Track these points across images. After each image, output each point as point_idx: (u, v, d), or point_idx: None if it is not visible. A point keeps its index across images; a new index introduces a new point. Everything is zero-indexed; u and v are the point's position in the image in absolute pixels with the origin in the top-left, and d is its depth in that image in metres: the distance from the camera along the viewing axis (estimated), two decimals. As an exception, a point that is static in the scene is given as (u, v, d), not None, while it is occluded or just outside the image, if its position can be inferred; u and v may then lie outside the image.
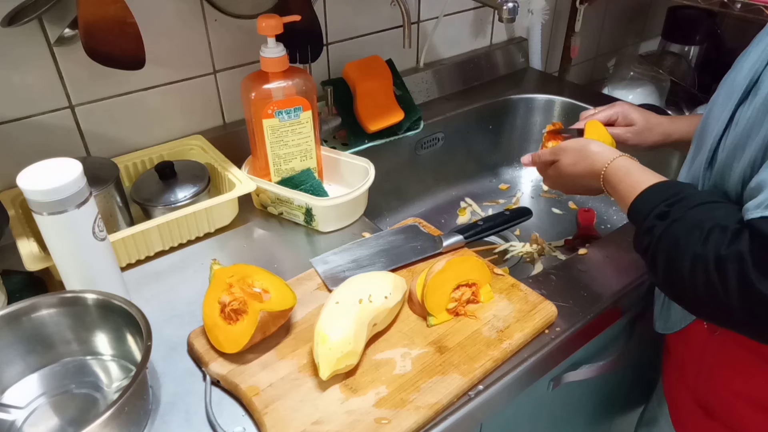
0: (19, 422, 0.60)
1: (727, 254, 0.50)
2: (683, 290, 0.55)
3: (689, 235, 0.54)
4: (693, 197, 0.58)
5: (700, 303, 0.54)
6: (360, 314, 0.64)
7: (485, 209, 1.22)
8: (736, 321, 0.53)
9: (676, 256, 0.55)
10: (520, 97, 1.28)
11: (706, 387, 0.70)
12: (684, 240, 0.54)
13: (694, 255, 0.53)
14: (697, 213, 0.56)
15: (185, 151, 0.95)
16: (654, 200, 0.61)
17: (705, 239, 0.52)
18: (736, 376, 0.66)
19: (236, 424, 0.59)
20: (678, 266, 0.54)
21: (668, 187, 0.62)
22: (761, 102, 0.55)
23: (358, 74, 1.07)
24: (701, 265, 0.52)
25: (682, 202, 0.58)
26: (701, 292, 0.52)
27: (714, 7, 1.05)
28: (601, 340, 0.76)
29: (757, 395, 0.64)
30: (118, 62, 0.76)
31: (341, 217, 0.87)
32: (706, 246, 0.52)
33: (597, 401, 0.98)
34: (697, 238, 0.53)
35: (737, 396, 0.66)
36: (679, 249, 0.55)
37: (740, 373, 0.65)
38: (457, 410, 0.60)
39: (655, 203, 0.60)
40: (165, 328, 0.69)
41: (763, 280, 0.47)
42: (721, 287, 0.50)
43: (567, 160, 0.77)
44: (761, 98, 0.55)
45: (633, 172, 0.67)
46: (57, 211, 0.59)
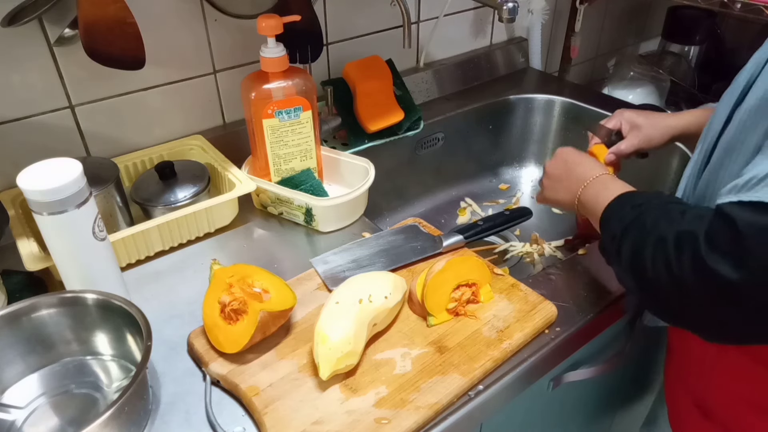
0: (19, 422, 0.60)
1: (684, 231, 0.51)
2: (645, 274, 0.55)
3: (656, 221, 0.55)
4: (665, 196, 0.60)
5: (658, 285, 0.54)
6: (360, 314, 0.64)
7: (485, 209, 1.22)
8: (684, 303, 0.52)
9: (642, 240, 0.55)
10: (520, 97, 1.28)
11: (705, 388, 0.71)
12: (651, 225, 0.55)
13: (657, 236, 0.53)
14: (666, 206, 0.57)
15: (185, 151, 0.95)
16: (629, 198, 0.64)
17: (669, 223, 0.53)
18: (735, 379, 0.66)
19: (236, 424, 0.59)
20: (641, 249, 0.55)
21: (643, 192, 0.65)
22: (753, 105, 0.55)
23: (358, 74, 1.07)
24: (662, 244, 0.52)
25: (655, 198, 0.60)
26: (659, 271, 0.52)
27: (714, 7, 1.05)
28: (601, 340, 0.76)
29: (756, 399, 0.64)
30: (118, 62, 0.76)
31: (341, 217, 0.87)
32: (669, 227, 0.53)
33: (597, 401, 0.98)
34: (663, 223, 0.54)
35: (735, 398, 0.66)
36: (645, 233, 0.55)
37: (739, 376, 0.65)
38: (457, 410, 0.60)
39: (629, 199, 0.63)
40: (165, 328, 0.69)
41: (714, 255, 0.47)
42: (675, 264, 0.50)
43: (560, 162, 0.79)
44: (753, 101, 0.55)
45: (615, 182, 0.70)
46: (57, 211, 0.59)
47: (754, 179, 0.48)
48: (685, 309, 0.53)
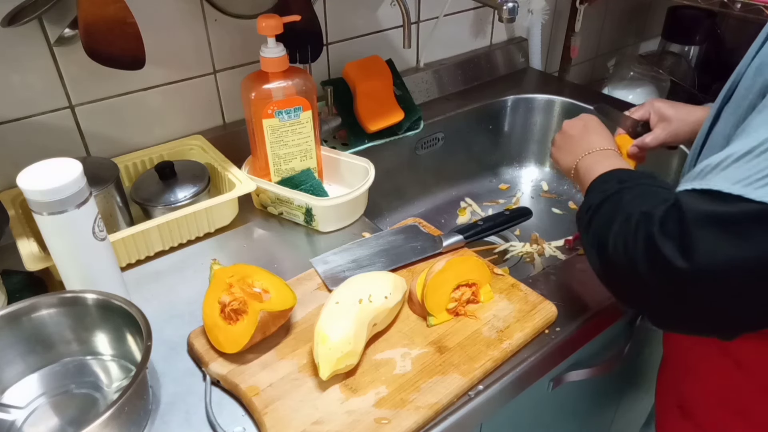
0: (19, 422, 0.60)
1: (643, 212, 0.50)
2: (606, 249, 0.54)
3: (632, 200, 0.55)
4: (655, 179, 0.60)
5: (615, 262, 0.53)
6: (360, 314, 0.64)
7: (485, 209, 1.22)
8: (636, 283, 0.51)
9: (613, 215, 0.55)
10: (520, 97, 1.28)
11: (685, 389, 0.71)
12: (626, 203, 0.55)
13: (625, 214, 0.53)
14: (650, 188, 0.56)
15: (185, 151, 0.95)
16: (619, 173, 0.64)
17: (641, 204, 0.53)
18: (714, 380, 0.66)
19: (236, 424, 0.59)
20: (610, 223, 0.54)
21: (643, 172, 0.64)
22: (734, 103, 0.55)
23: (358, 74, 1.07)
24: (626, 223, 0.52)
25: (643, 179, 0.59)
26: (618, 248, 0.52)
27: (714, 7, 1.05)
28: (600, 341, 0.76)
29: (732, 400, 0.64)
30: (118, 62, 0.76)
31: (341, 217, 0.87)
32: (640, 207, 0.52)
33: (597, 401, 0.98)
34: (637, 204, 0.53)
35: (713, 400, 0.66)
36: (618, 209, 0.55)
37: (718, 378, 0.65)
38: (457, 410, 0.60)
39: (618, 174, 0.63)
40: (165, 328, 0.69)
41: (664, 239, 0.47)
42: (631, 243, 0.50)
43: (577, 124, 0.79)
44: (735, 99, 0.55)
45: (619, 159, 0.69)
46: (57, 211, 0.59)
47: (708, 167, 0.48)
48: (636, 290, 0.53)
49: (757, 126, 0.47)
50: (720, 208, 0.45)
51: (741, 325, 0.50)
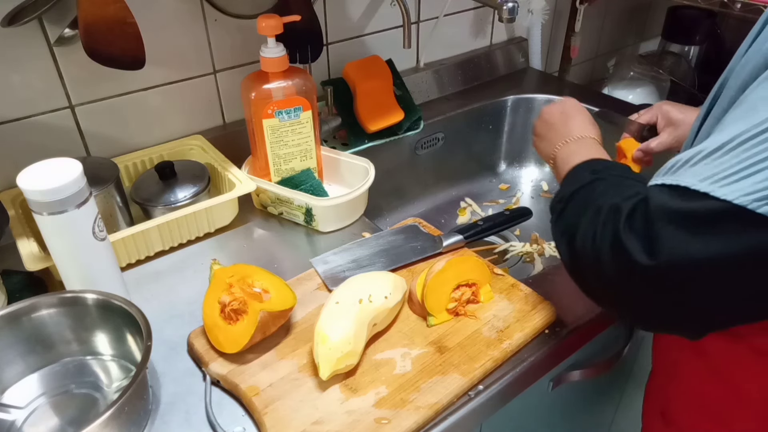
0: (19, 422, 0.60)
1: (612, 204, 0.50)
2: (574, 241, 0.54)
3: (604, 192, 0.54)
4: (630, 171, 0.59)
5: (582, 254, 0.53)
6: (360, 314, 0.64)
7: (485, 209, 1.22)
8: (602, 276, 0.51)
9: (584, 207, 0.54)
10: (520, 97, 1.28)
11: (668, 395, 0.71)
12: (597, 195, 0.54)
13: (596, 206, 0.52)
14: (623, 181, 0.56)
15: (185, 151, 0.95)
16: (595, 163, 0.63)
17: (614, 195, 0.52)
18: (695, 387, 0.66)
19: (236, 424, 0.59)
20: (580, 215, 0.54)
21: (619, 164, 0.64)
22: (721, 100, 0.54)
23: (358, 74, 1.07)
24: (596, 215, 0.51)
25: (617, 170, 0.59)
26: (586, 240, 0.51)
27: (714, 7, 1.05)
28: (601, 340, 0.76)
29: (713, 407, 0.64)
30: (118, 62, 0.76)
31: (341, 217, 0.87)
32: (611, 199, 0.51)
33: (597, 401, 0.98)
34: (608, 196, 0.52)
35: (695, 406, 0.66)
36: (590, 200, 0.54)
37: (699, 384, 0.65)
38: (457, 410, 0.60)
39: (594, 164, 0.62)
40: (165, 328, 0.69)
41: (629, 234, 0.47)
42: (599, 236, 0.50)
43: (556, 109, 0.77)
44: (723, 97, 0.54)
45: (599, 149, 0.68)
46: (57, 211, 0.59)
47: (679, 162, 0.48)
48: (600, 284, 0.52)
49: (730, 122, 0.47)
50: (685, 204, 0.45)
51: (704, 323, 0.50)
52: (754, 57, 0.49)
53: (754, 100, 0.45)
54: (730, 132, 0.45)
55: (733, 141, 0.44)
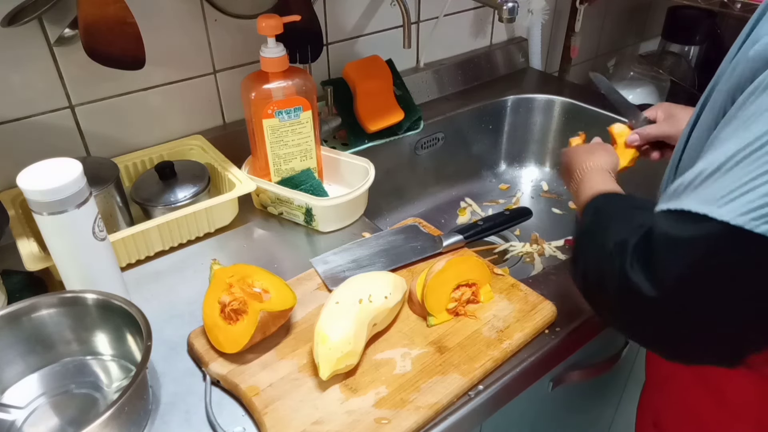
0: (19, 422, 0.60)
1: (618, 241, 0.49)
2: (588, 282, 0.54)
3: (606, 229, 0.53)
4: (629, 200, 0.59)
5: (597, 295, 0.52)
6: (360, 314, 0.64)
7: (485, 209, 1.22)
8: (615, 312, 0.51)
9: (589, 248, 0.54)
10: (520, 97, 1.28)
11: (659, 406, 0.71)
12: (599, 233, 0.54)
13: (599, 244, 0.52)
14: (623, 211, 0.55)
15: (185, 151, 0.95)
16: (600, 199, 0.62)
17: (615, 232, 0.51)
18: (685, 397, 0.66)
19: (236, 424, 0.59)
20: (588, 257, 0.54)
21: (617, 193, 0.63)
22: (710, 106, 0.53)
23: (358, 74, 1.07)
24: (602, 253, 0.51)
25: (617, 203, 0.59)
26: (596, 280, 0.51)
27: (714, 7, 1.05)
28: (601, 340, 0.76)
29: (703, 418, 0.64)
30: (118, 62, 0.76)
31: (341, 217, 0.87)
32: (612, 236, 0.51)
33: (597, 401, 0.98)
34: (610, 231, 0.52)
35: (686, 417, 0.66)
36: (593, 240, 0.54)
37: (688, 394, 0.65)
38: (457, 410, 0.60)
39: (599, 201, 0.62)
40: (165, 328, 0.69)
41: (637, 271, 0.46)
42: (608, 274, 0.49)
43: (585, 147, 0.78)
44: (711, 102, 0.53)
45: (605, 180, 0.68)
46: (57, 211, 0.59)
47: (681, 186, 0.47)
48: (620, 323, 0.52)
49: (725, 138, 0.46)
50: (687, 231, 0.44)
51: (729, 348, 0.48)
52: (741, 62, 0.49)
53: (746, 117, 0.45)
54: (726, 150, 0.44)
55: (730, 161, 0.44)
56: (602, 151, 0.76)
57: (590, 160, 0.73)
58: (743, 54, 0.49)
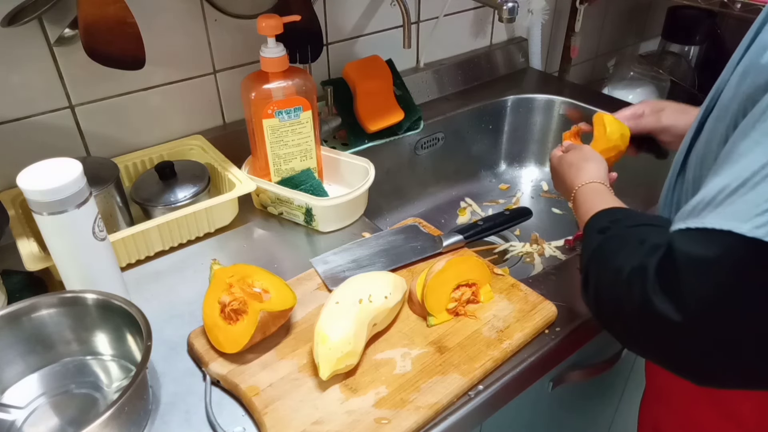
0: (19, 422, 0.60)
1: (636, 266, 0.47)
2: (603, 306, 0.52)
3: (616, 251, 0.51)
4: (635, 218, 0.57)
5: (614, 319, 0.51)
6: (360, 314, 0.64)
7: (485, 209, 1.22)
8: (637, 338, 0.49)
9: (602, 271, 0.52)
10: (520, 97, 1.28)
11: (659, 413, 0.70)
12: (610, 255, 0.52)
13: (613, 268, 0.50)
14: (631, 230, 0.53)
15: (185, 151, 0.95)
16: (601, 219, 0.60)
17: (628, 254, 0.49)
18: (686, 405, 0.65)
19: (236, 424, 0.59)
20: (601, 280, 0.52)
21: (619, 209, 0.61)
22: (717, 114, 0.52)
23: (358, 74, 1.07)
24: (617, 277, 0.49)
25: (623, 221, 0.56)
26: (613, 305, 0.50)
27: (714, 7, 1.05)
28: (600, 341, 0.76)
29: (702, 426, 0.63)
30: (118, 62, 0.76)
31: (341, 217, 0.87)
32: (626, 259, 0.49)
33: (597, 401, 0.98)
34: (622, 254, 0.50)
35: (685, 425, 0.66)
36: (605, 263, 0.52)
37: (688, 402, 0.64)
38: (457, 410, 0.60)
39: (600, 221, 0.59)
40: (165, 328, 0.69)
41: (660, 295, 0.44)
42: (626, 299, 0.47)
43: (570, 158, 0.77)
44: (717, 109, 0.52)
45: (600, 194, 0.67)
46: (57, 211, 0.59)
47: (702, 203, 0.44)
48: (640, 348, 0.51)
49: (745, 152, 0.44)
50: (712, 250, 0.42)
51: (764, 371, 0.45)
52: (751, 71, 0.47)
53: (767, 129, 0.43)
54: (749, 164, 0.42)
55: (756, 175, 0.41)
56: (591, 162, 0.74)
57: (582, 176, 0.72)
58: (752, 61, 0.47)
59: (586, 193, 0.69)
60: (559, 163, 0.79)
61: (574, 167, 0.75)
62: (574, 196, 0.71)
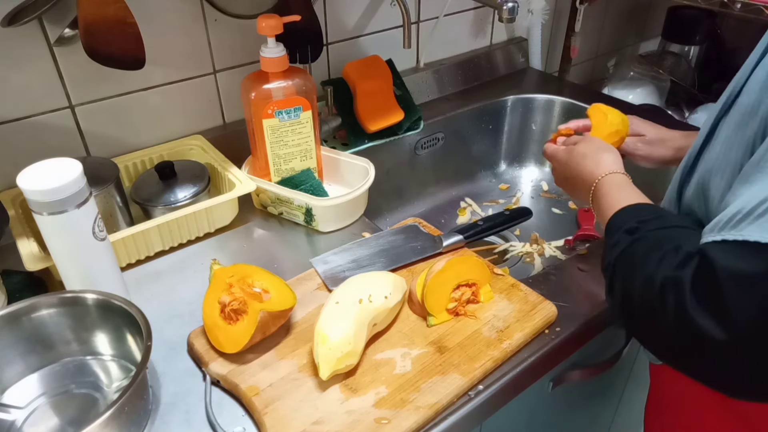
0: (19, 422, 0.60)
1: (670, 277, 0.46)
2: (632, 314, 0.51)
3: (647, 255, 0.50)
4: (665, 219, 0.55)
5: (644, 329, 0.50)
6: (360, 314, 0.64)
7: (485, 209, 1.22)
8: (671, 350, 0.48)
9: (631, 276, 0.51)
10: (520, 97, 1.28)
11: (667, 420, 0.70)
12: (641, 259, 0.50)
13: (645, 275, 0.49)
14: (662, 234, 0.52)
15: (185, 151, 0.95)
16: (628, 217, 0.58)
17: (660, 260, 0.48)
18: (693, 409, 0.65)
19: (236, 424, 0.59)
20: (631, 286, 0.51)
21: (646, 207, 0.59)
22: (737, 119, 0.50)
23: (358, 74, 1.07)
24: (649, 286, 0.48)
25: (652, 222, 0.54)
26: (645, 317, 0.49)
27: (714, 7, 1.05)
28: (601, 340, 0.76)
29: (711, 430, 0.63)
30: (118, 62, 0.76)
31: (341, 217, 0.87)
32: (658, 267, 0.48)
33: (597, 401, 0.98)
34: (654, 259, 0.49)
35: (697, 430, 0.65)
36: (635, 268, 0.51)
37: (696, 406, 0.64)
38: (457, 410, 0.60)
39: (627, 220, 0.57)
40: (165, 328, 0.69)
41: (698, 308, 0.43)
42: (659, 311, 0.46)
43: (582, 149, 0.74)
44: (737, 114, 0.50)
45: (623, 188, 0.64)
46: (57, 211, 0.59)
47: (739, 213, 0.43)
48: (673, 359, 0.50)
49: None
50: (757, 265, 0.40)
51: None
52: None
53: None
54: None
55: None
56: (606, 152, 0.72)
57: (601, 167, 0.69)
58: None
59: (608, 185, 0.66)
60: (569, 156, 0.75)
61: (589, 159, 0.72)
62: (594, 188, 0.68)
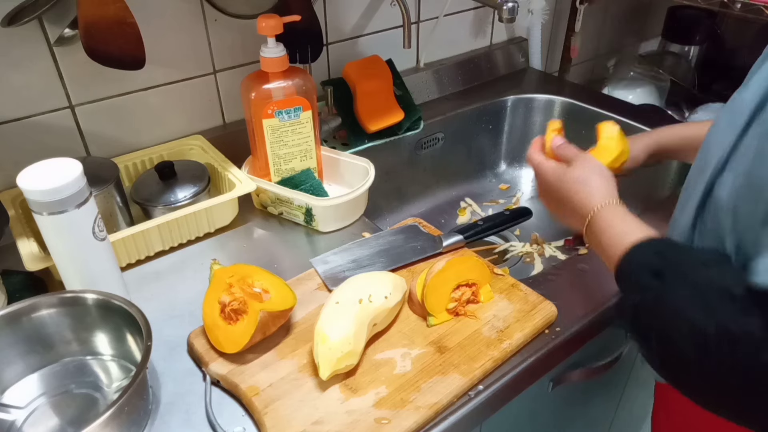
0: (19, 422, 0.60)
1: (735, 330, 0.42)
2: (680, 369, 0.47)
3: (689, 307, 0.46)
4: (690, 254, 0.51)
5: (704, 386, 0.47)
6: (360, 314, 0.64)
7: (485, 209, 1.22)
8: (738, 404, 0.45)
9: (675, 327, 0.46)
10: (520, 97, 1.28)
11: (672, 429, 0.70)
12: (683, 309, 0.46)
13: (695, 331, 0.45)
14: (702, 276, 0.47)
15: (185, 151, 0.95)
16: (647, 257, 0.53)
17: (707, 308, 0.44)
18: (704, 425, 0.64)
19: (236, 424, 0.59)
20: (674, 341, 0.47)
21: (662, 241, 0.54)
22: None
23: (358, 74, 1.07)
24: (702, 341, 0.44)
25: (680, 260, 0.50)
26: (708, 372, 0.45)
27: (714, 7, 1.05)
28: (601, 340, 0.76)
29: None
30: (118, 62, 0.76)
31: (341, 217, 0.87)
32: (709, 317, 0.44)
33: (597, 401, 0.98)
34: (700, 312, 0.45)
35: None
36: (679, 319, 0.46)
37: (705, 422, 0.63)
38: (457, 410, 0.60)
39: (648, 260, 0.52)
40: (165, 328, 0.69)
41: None
42: (726, 368, 0.43)
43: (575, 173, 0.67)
44: None
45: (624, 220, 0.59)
46: (57, 211, 0.59)
47: None
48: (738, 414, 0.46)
49: None
50: None
51: None
52: None
53: None
54: None
55: None
56: (599, 177, 0.65)
57: (594, 196, 0.63)
58: None
59: (607, 217, 0.60)
60: (560, 178, 0.68)
61: (582, 185, 0.65)
62: (590, 221, 0.62)
